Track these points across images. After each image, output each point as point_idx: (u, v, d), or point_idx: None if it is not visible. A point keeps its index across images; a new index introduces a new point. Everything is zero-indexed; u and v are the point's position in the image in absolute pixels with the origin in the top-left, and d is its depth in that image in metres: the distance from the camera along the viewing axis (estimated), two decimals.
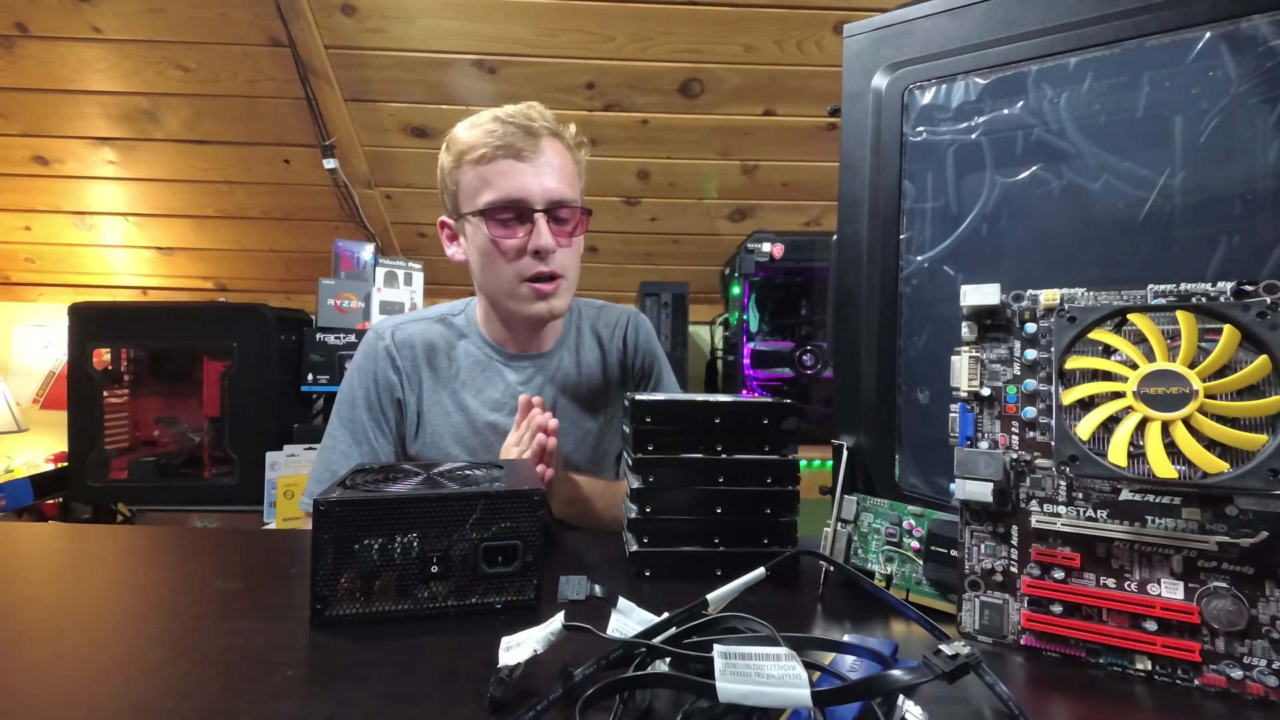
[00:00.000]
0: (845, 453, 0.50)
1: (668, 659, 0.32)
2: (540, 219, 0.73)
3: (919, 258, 0.50)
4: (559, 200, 0.74)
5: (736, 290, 1.61)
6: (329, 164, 1.76)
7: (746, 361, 1.59)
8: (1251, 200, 0.40)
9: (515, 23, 1.53)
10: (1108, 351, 0.37)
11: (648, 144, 1.79)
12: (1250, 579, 0.33)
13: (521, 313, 0.77)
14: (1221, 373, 0.34)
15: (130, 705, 0.31)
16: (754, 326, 1.62)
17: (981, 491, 0.39)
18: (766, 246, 1.51)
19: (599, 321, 0.91)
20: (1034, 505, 0.39)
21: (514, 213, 0.73)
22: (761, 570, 0.39)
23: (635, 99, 1.70)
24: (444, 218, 0.82)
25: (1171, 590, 0.35)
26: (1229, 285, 0.34)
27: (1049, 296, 0.39)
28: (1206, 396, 0.33)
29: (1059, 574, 0.38)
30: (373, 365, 0.83)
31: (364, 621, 0.40)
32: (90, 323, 1.56)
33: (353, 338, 1.64)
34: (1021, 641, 0.39)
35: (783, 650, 0.29)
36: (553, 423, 0.66)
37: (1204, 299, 0.35)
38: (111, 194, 1.94)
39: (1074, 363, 0.37)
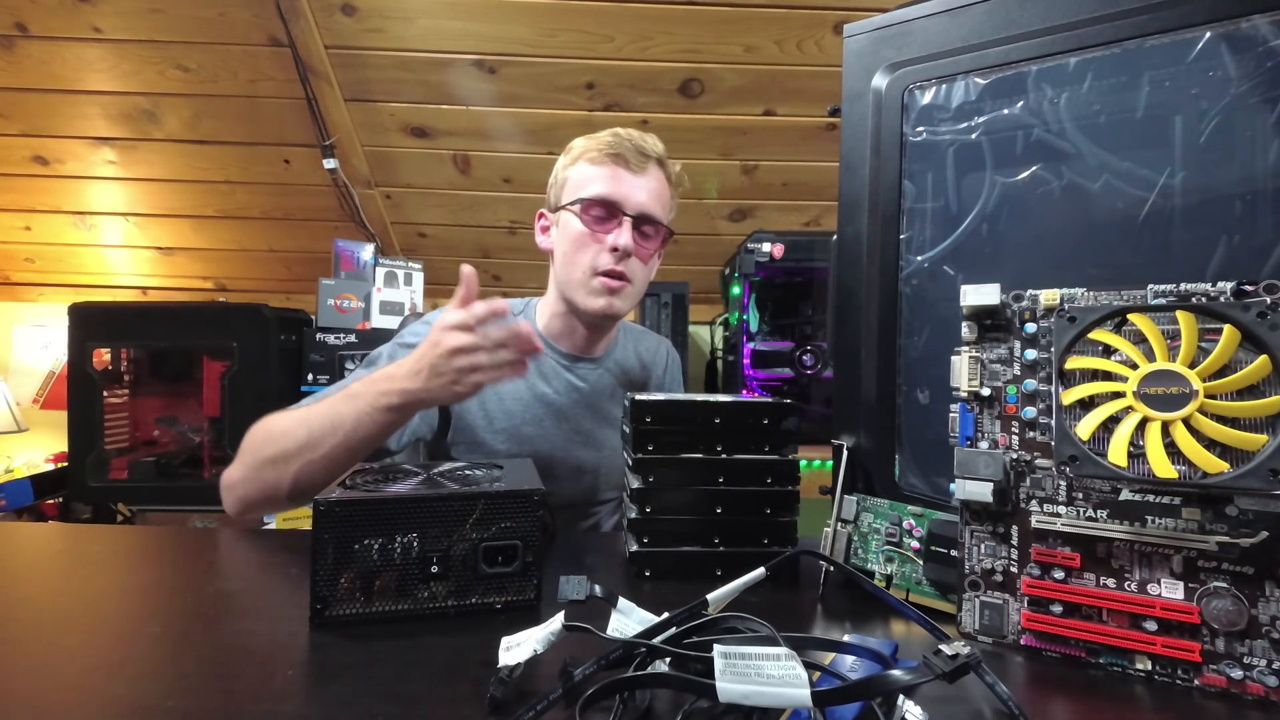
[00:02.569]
0: (845, 453, 0.50)
1: (668, 659, 0.32)
2: (627, 223, 0.79)
3: (919, 258, 0.50)
4: (649, 214, 0.80)
5: (736, 290, 1.61)
6: (329, 164, 1.76)
7: (746, 361, 1.59)
8: (1251, 200, 0.40)
9: (515, 23, 1.53)
10: (1108, 351, 0.37)
11: None
12: (1250, 579, 0.33)
13: (586, 305, 0.80)
14: (1221, 373, 0.34)
15: (130, 705, 0.31)
16: (754, 326, 1.62)
17: (981, 491, 0.39)
18: (766, 246, 1.51)
19: (640, 344, 0.97)
20: (1034, 505, 0.39)
21: (607, 210, 0.79)
22: (761, 570, 0.39)
23: (635, 99, 1.70)
24: (543, 210, 0.88)
25: (1171, 590, 0.35)
26: (1229, 285, 0.34)
27: (1049, 296, 0.39)
28: (1206, 396, 0.33)
29: (1059, 574, 0.38)
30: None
31: (364, 621, 0.40)
32: (90, 323, 1.56)
33: (353, 338, 1.65)
34: (1021, 641, 0.39)
35: (783, 650, 0.29)
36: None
37: (1204, 299, 0.35)
38: (111, 194, 1.94)
39: (1074, 363, 0.37)
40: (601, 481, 0.87)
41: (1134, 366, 0.35)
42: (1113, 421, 0.35)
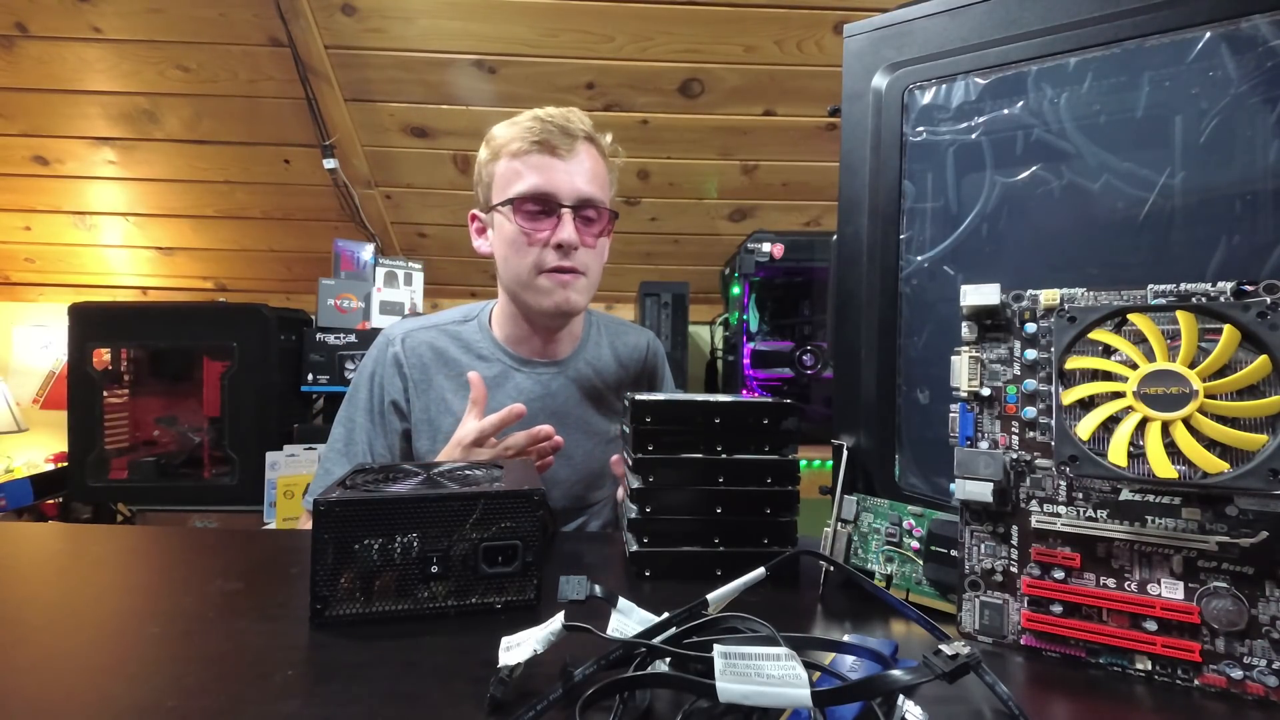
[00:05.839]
0: (845, 453, 0.50)
1: (668, 659, 0.32)
2: (567, 214, 0.74)
3: (919, 258, 0.50)
4: (587, 199, 0.75)
5: (736, 290, 1.61)
6: (329, 164, 1.76)
7: (746, 361, 1.59)
8: (1251, 200, 0.40)
9: (515, 23, 1.53)
10: (1108, 351, 0.37)
11: (648, 144, 1.79)
12: (1250, 579, 0.33)
13: (539, 305, 0.77)
14: (1221, 373, 0.34)
15: (130, 705, 0.31)
16: (754, 326, 1.62)
17: (981, 491, 0.39)
18: (766, 246, 1.51)
19: (619, 340, 0.92)
20: (1034, 505, 0.39)
21: (542, 205, 0.74)
22: (761, 570, 0.39)
23: (635, 99, 1.70)
24: (475, 210, 0.84)
25: (1171, 590, 0.35)
26: (1229, 285, 0.34)
27: (1049, 296, 0.39)
28: (1206, 396, 0.33)
29: (1059, 574, 0.38)
30: (380, 370, 0.83)
31: (364, 621, 0.40)
32: (90, 323, 1.56)
33: (353, 338, 1.65)
34: (1021, 641, 0.39)
35: (783, 650, 0.29)
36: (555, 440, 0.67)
37: (1204, 299, 0.35)
38: (111, 194, 1.94)
39: (1074, 363, 0.37)
40: (579, 490, 0.83)
41: (1134, 366, 0.35)
42: (1113, 421, 0.35)
